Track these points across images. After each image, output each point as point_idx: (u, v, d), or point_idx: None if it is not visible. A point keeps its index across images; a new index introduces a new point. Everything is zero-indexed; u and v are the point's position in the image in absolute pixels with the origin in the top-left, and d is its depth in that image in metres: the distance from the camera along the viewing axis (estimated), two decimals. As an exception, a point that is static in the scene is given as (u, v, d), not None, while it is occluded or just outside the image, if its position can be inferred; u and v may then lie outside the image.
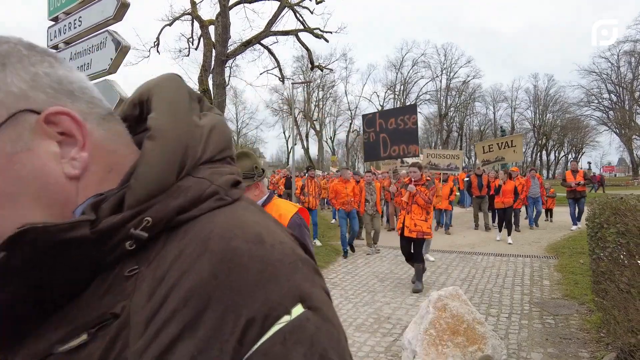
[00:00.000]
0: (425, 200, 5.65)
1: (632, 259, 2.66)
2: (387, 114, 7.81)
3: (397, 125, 7.24)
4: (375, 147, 7.68)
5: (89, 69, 5.12)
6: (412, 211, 5.72)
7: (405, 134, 7.14)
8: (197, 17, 16.02)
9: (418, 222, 5.67)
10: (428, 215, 5.77)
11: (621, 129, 47.84)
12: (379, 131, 7.52)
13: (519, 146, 10.76)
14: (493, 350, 3.30)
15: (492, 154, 11.13)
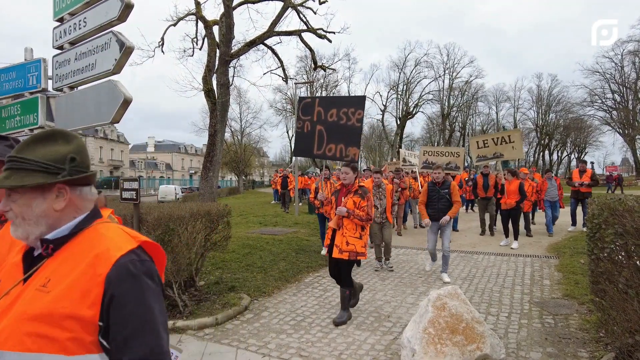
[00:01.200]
0: (364, 219, 4.51)
1: (630, 260, 2.69)
2: (329, 102, 6.12)
3: (339, 119, 5.65)
4: (308, 140, 6.00)
5: (93, 69, 5.18)
6: (345, 226, 4.56)
7: (346, 132, 5.60)
8: (201, 17, 16.07)
9: (351, 239, 4.52)
10: (364, 231, 4.63)
11: (624, 129, 47.61)
12: (315, 121, 5.86)
13: (517, 142, 9.85)
14: (492, 350, 3.34)
15: (488, 149, 10.15)
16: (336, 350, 3.92)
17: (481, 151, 10.30)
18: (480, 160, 10.43)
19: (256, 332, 4.42)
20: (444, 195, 6.26)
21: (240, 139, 51.50)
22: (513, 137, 9.88)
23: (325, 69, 23.73)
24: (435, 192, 6.34)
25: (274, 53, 18.34)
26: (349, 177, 4.70)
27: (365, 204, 4.53)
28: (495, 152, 10.05)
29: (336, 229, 4.61)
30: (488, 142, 10.19)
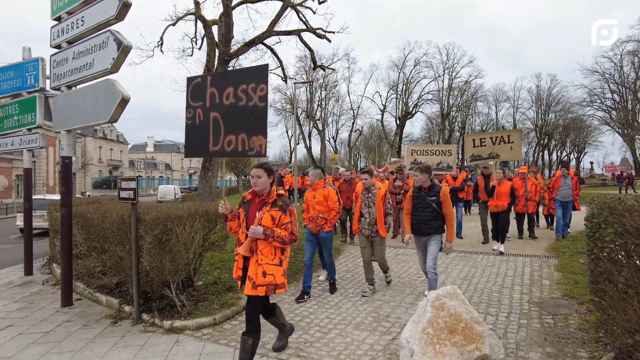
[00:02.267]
0: (287, 241, 3.31)
1: (630, 259, 2.67)
2: (223, 79, 4.61)
3: (238, 100, 4.30)
4: (201, 134, 4.61)
5: (91, 68, 5.17)
6: (260, 251, 3.31)
7: (248, 116, 4.22)
8: (200, 17, 16.06)
9: (269, 268, 3.31)
10: (284, 255, 3.42)
11: (624, 129, 47.65)
12: (209, 107, 4.55)
13: (517, 143, 9.11)
14: (491, 350, 3.32)
15: (484, 149, 9.40)
16: (334, 350, 3.90)
17: (476, 150, 9.61)
18: (474, 159, 9.70)
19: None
20: (430, 204, 5.00)
21: (240, 138, 51.41)
22: (513, 137, 9.21)
23: (325, 68, 23.73)
24: (420, 199, 5.10)
25: (273, 53, 18.34)
26: (262, 183, 3.39)
27: (289, 220, 3.33)
28: (491, 152, 9.31)
29: (248, 256, 3.36)
30: (485, 140, 9.52)
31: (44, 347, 4.11)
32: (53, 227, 7.63)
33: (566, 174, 9.52)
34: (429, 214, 5.00)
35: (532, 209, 9.91)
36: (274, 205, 3.37)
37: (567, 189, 9.34)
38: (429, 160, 9.73)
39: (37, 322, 4.87)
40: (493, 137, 9.45)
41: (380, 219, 5.57)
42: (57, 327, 4.66)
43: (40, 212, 10.25)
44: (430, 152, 10.01)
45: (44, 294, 6.06)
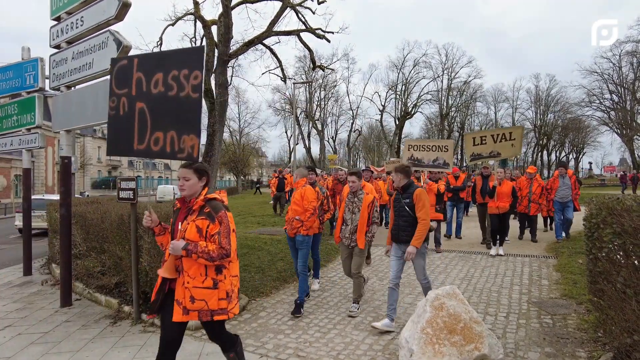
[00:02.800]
0: (215, 256, 2.63)
1: (628, 259, 2.68)
2: (153, 61, 3.83)
3: (168, 89, 3.57)
4: (126, 129, 3.85)
5: (90, 68, 5.17)
6: (185, 271, 2.68)
7: (178, 110, 3.51)
8: (199, 17, 16.08)
9: (198, 292, 2.67)
10: (221, 274, 2.72)
11: (622, 129, 47.72)
12: (135, 96, 3.78)
13: (518, 140, 8.57)
14: (490, 350, 3.33)
15: (485, 147, 8.85)
16: (334, 350, 3.91)
17: (476, 148, 9.03)
18: (474, 158, 9.15)
19: (254, 332, 4.40)
20: (403, 207, 4.41)
21: (239, 139, 51.53)
22: (514, 134, 8.66)
23: (324, 68, 23.77)
24: (397, 202, 4.51)
25: (273, 53, 18.36)
26: (190, 186, 2.80)
27: (217, 230, 2.67)
28: (492, 150, 8.72)
29: (172, 277, 2.75)
30: (486, 139, 8.89)
31: (43, 347, 4.11)
32: (52, 227, 7.62)
33: (564, 173, 9.26)
34: (405, 219, 4.39)
35: (534, 211, 9.64)
36: (200, 212, 2.71)
37: (565, 189, 9.09)
38: (426, 156, 9.18)
39: (37, 322, 4.87)
40: (494, 134, 8.84)
41: (361, 228, 4.93)
42: (56, 327, 4.66)
43: (39, 212, 10.24)
44: (426, 148, 9.30)
45: (43, 294, 6.06)
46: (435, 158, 9.06)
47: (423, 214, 4.29)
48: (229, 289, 2.74)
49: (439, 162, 9.04)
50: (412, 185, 4.45)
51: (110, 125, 4.02)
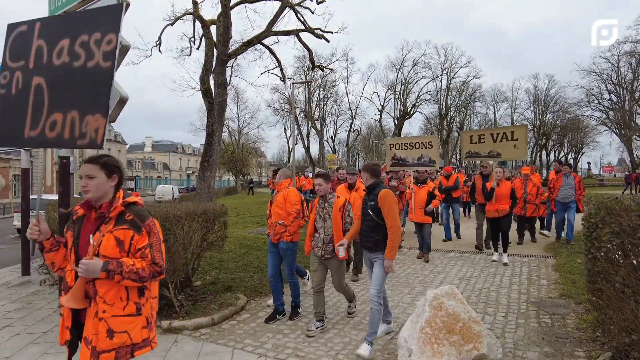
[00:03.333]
0: (146, 276, 2.09)
1: (627, 259, 2.69)
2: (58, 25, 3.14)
3: (73, 58, 2.93)
4: (16, 111, 3.13)
5: (89, 68, 5.13)
6: (101, 296, 2.05)
7: (84, 84, 2.83)
8: (198, 16, 16.06)
9: (118, 323, 2.07)
10: (143, 297, 2.18)
11: (621, 129, 47.79)
12: (32, 69, 3.11)
13: (522, 140, 7.67)
14: (488, 349, 3.33)
15: (483, 146, 8.04)
16: (333, 350, 3.91)
17: (474, 147, 8.23)
18: (470, 156, 8.34)
19: (252, 332, 4.40)
20: (367, 210, 3.94)
21: (238, 138, 51.51)
22: (517, 134, 7.74)
23: (323, 68, 23.77)
24: (364, 204, 4.06)
25: (272, 53, 18.35)
26: (95, 186, 2.15)
27: (147, 242, 2.12)
28: (491, 150, 7.92)
29: (81, 307, 2.10)
30: (485, 137, 8.07)
31: (42, 348, 4.10)
32: (51, 227, 7.61)
33: (568, 172, 8.79)
34: (368, 223, 3.92)
35: (531, 212, 9.30)
36: (119, 221, 2.11)
37: (568, 189, 8.63)
38: (409, 154, 8.54)
39: (35, 322, 4.86)
40: (494, 133, 7.99)
41: (337, 236, 4.34)
42: (54, 328, 4.65)
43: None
44: (409, 145, 8.61)
45: (42, 294, 6.05)
46: (420, 156, 8.47)
47: (391, 220, 3.76)
48: (148, 315, 2.18)
49: (424, 159, 8.44)
50: (379, 186, 3.94)
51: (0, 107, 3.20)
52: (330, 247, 4.39)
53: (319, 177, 4.53)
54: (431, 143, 8.56)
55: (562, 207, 8.78)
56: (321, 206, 4.53)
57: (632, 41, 41.62)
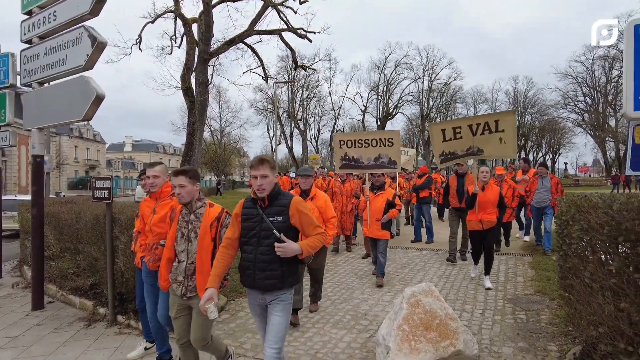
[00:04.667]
0: None
1: (595, 255, 2.77)
2: None
3: None
4: None
5: (64, 64, 5.04)
6: None
7: None
8: (180, 15, 15.87)
9: None
10: None
11: (595, 131, 49.30)
12: None
13: (509, 132, 5.84)
14: (465, 345, 3.39)
15: (461, 143, 6.19)
16: (312, 349, 3.91)
17: (448, 145, 6.31)
18: (446, 159, 6.41)
19: (232, 332, 4.37)
20: (269, 230, 2.64)
21: (220, 138, 51.04)
22: (503, 124, 5.87)
23: (306, 68, 23.78)
24: (253, 221, 2.80)
25: (254, 52, 18.27)
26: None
27: None
28: (470, 146, 6.11)
29: None
30: (462, 130, 6.15)
31: (12, 352, 3.98)
32: (24, 228, 7.40)
33: (544, 174, 7.90)
34: (269, 249, 2.59)
35: (507, 217, 8.03)
36: None
37: (544, 192, 7.78)
38: (364, 154, 6.82)
39: (6, 326, 4.72)
40: (473, 124, 6.10)
41: (202, 270, 2.92)
42: (26, 331, 4.53)
43: (11, 213, 9.92)
44: (365, 143, 6.83)
45: (14, 297, 5.87)
46: (378, 156, 6.75)
47: (313, 227, 2.66)
48: None
49: (383, 160, 6.71)
50: (283, 195, 2.71)
51: None
52: (192, 282, 2.97)
53: (179, 175, 2.98)
54: (392, 140, 6.71)
55: (537, 213, 7.98)
56: (185, 218, 3.05)
57: (605, 46, 42.97)
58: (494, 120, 5.93)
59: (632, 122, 2.34)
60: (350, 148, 6.98)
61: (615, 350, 2.62)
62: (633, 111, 2.25)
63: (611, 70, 45.75)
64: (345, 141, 7.08)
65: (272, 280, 2.63)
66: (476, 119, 6.22)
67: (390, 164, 6.70)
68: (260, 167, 2.64)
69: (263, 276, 2.63)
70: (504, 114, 6.14)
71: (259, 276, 2.64)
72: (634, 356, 2.52)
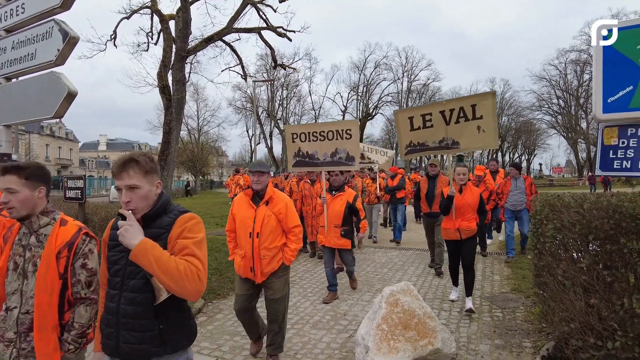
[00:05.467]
0: None
1: (567, 253, 2.85)
2: None
3: None
4: None
5: (33, 59, 4.85)
6: None
7: None
8: (156, 11, 15.56)
9: None
10: None
11: (568, 133, 50.92)
12: None
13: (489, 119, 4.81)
14: (443, 344, 3.42)
15: (431, 132, 5.21)
16: (291, 350, 3.88)
17: (417, 135, 5.29)
18: (412, 151, 5.40)
19: (209, 334, 4.30)
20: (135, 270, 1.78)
21: (198, 137, 50.33)
22: (481, 109, 4.83)
23: (286, 67, 23.71)
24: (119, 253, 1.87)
25: (233, 50, 18.09)
26: None
27: None
28: (443, 138, 5.12)
29: None
30: (433, 118, 5.15)
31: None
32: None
33: (516, 175, 7.40)
34: (130, 296, 1.77)
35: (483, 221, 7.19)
36: None
37: (518, 194, 7.34)
38: (320, 149, 5.95)
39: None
40: (446, 110, 5.07)
41: (43, 316, 1.89)
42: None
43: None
44: (320, 136, 5.93)
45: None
46: (334, 151, 5.86)
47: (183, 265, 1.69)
48: None
49: (340, 156, 5.83)
50: (170, 212, 1.87)
51: None
52: (31, 344, 1.90)
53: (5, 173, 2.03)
54: (350, 131, 5.80)
55: (512, 216, 7.52)
56: (22, 242, 2.03)
57: (577, 50, 44.48)
58: (470, 105, 4.94)
59: (601, 124, 2.40)
60: (304, 142, 6.06)
61: (585, 345, 2.70)
62: (602, 114, 2.31)
63: (582, 75, 47.37)
64: (298, 134, 6.13)
65: (145, 345, 1.74)
66: (449, 103, 5.21)
67: (349, 161, 5.81)
68: (124, 175, 1.76)
69: (130, 338, 1.74)
70: (481, 97, 5.07)
71: (124, 338, 1.75)
72: (603, 350, 2.59)
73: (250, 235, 3.45)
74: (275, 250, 3.52)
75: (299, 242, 3.64)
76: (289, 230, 3.59)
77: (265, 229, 3.45)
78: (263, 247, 3.44)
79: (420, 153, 5.45)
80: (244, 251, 3.51)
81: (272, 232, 3.48)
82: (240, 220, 3.56)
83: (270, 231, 3.47)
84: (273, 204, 3.53)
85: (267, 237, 3.46)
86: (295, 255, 3.68)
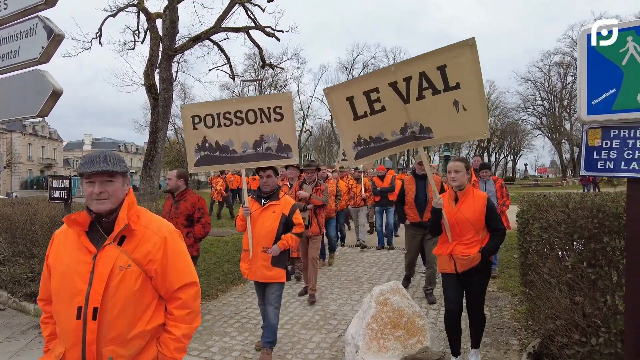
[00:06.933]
0: None
1: (553, 251, 2.90)
2: None
3: None
4: None
5: (16, 57, 4.74)
6: None
7: None
8: (143, 9, 15.37)
9: None
10: None
11: (552, 134, 51.82)
12: None
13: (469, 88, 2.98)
14: (432, 342, 3.46)
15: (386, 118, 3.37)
16: (281, 350, 3.88)
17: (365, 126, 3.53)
18: (365, 153, 3.63)
19: (198, 335, 4.26)
20: None
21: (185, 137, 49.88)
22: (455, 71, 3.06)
23: (274, 67, 23.62)
24: None
25: (221, 49, 17.97)
26: None
27: None
28: (405, 124, 3.35)
29: None
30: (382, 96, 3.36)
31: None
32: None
33: (486, 177, 6.27)
34: None
35: None
36: None
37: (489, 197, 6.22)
38: (237, 136, 4.15)
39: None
40: (398, 79, 3.24)
41: None
42: (-25, 341, 4.24)
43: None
44: (237, 118, 4.12)
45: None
46: (259, 138, 4.12)
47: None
48: None
49: (268, 145, 4.11)
50: None
51: None
52: None
53: None
54: (280, 110, 4.06)
55: None
56: None
57: (561, 52, 45.31)
58: (437, 68, 3.08)
59: (585, 126, 2.45)
60: (211, 128, 4.19)
61: (570, 341, 2.76)
62: (587, 115, 2.36)
63: (566, 77, 48.25)
64: (202, 117, 4.20)
65: None
66: (402, 67, 3.27)
67: (281, 152, 4.09)
68: None
69: None
70: (453, 52, 3.09)
71: None
72: (587, 346, 2.65)
73: (80, 313, 1.55)
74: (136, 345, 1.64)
75: (193, 320, 1.79)
76: (171, 295, 1.74)
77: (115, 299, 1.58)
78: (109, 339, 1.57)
79: (377, 154, 3.59)
80: (63, 349, 1.60)
81: (130, 305, 1.60)
82: (59, 278, 1.63)
83: (125, 302, 1.59)
84: (134, 241, 1.65)
85: (119, 317, 1.58)
86: None
